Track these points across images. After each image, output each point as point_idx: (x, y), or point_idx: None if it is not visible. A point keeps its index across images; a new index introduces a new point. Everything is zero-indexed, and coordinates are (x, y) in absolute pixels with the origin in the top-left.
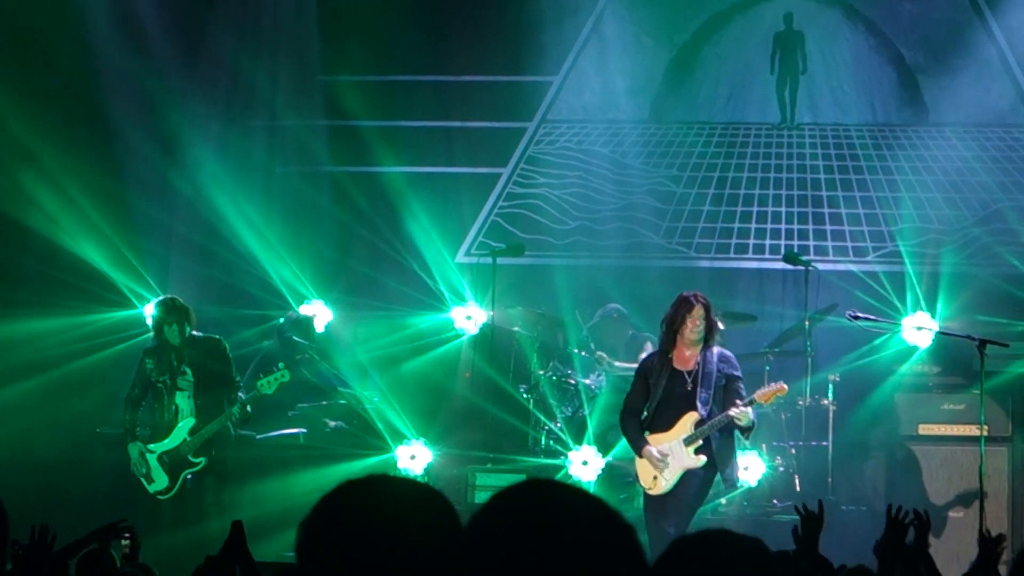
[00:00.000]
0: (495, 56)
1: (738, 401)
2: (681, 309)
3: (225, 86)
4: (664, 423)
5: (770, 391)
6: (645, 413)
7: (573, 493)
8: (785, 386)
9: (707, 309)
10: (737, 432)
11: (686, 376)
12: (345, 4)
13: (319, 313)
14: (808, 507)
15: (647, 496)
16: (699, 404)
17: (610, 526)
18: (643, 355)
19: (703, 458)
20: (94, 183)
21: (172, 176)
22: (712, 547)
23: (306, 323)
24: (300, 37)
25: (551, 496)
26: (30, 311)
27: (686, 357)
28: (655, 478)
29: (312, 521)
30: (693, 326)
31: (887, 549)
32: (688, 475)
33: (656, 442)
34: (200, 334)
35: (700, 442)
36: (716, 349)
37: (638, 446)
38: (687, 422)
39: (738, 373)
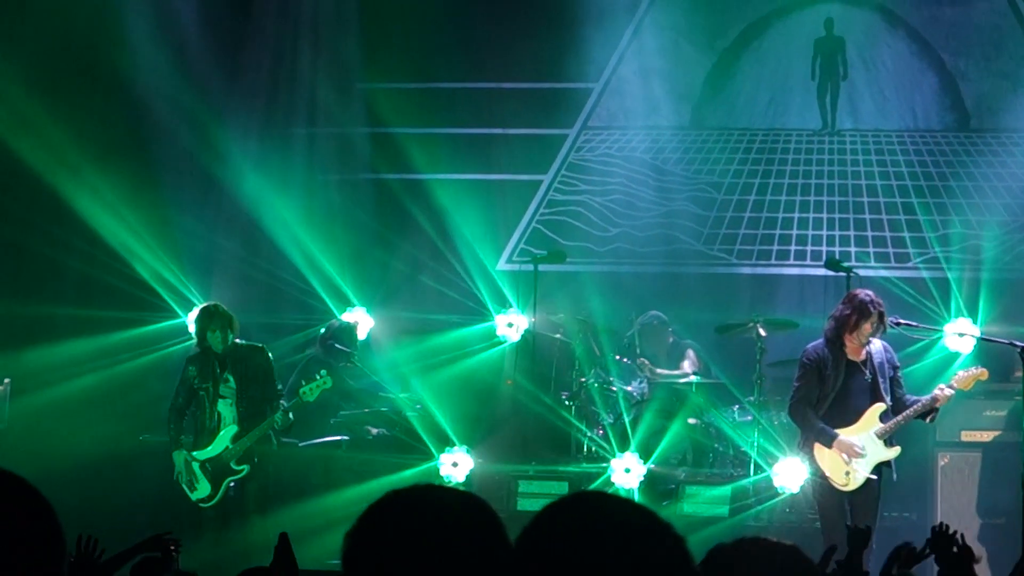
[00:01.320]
0: (535, 63)
1: (942, 384)
2: (857, 315)
3: (265, 95)
4: (845, 416)
5: (971, 376)
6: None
7: (623, 505)
8: (986, 371)
9: (882, 316)
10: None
11: (863, 367)
12: (385, 12)
13: (361, 320)
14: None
15: (832, 492)
16: (884, 394)
17: (661, 537)
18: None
19: (898, 448)
20: (136, 193)
21: (214, 185)
22: (751, 553)
23: (349, 330)
24: (340, 45)
25: (602, 508)
26: (73, 319)
27: (856, 348)
28: (847, 473)
29: (358, 531)
30: (867, 331)
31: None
32: (878, 466)
33: (845, 436)
34: (243, 342)
35: (890, 434)
36: (878, 339)
37: (827, 438)
38: (874, 414)
39: (898, 363)
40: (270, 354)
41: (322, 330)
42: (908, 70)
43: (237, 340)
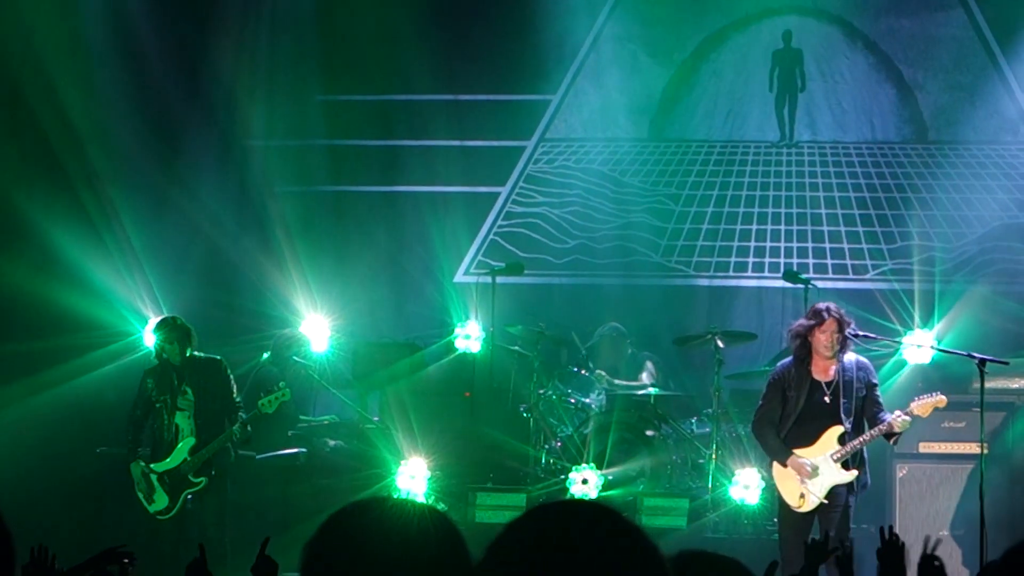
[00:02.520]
0: (493, 75)
1: (898, 411)
2: (812, 322)
3: (223, 108)
4: (805, 437)
5: (929, 403)
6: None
7: (598, 512)
8: (944, 398)
9: (839, 323)
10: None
11: (825, 387)
12: (343, 25)
13: (316, 331)
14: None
15: (789, 512)
16: (842, 416)
17: (636, 544)
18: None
19: (855, 472)
20: (92, 207)
21: (173, 197)
22: (691, 566)
23: (303, 341)
24: (298, 57)
25: (577, 517)
26: (28, 331)
27: (824, 367)
28: (802, 495)
29: (317, 541)
30: (826, 341)
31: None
32: (835, 488)
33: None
34: (201, 354)
35: (847, 457)
36: (853, 356)
37: (782, 457)
38: (832, 436)
39: (876, 380)
40: (228, 366)
41: (276, 340)
42: (866, 82)
43: (195, 353)
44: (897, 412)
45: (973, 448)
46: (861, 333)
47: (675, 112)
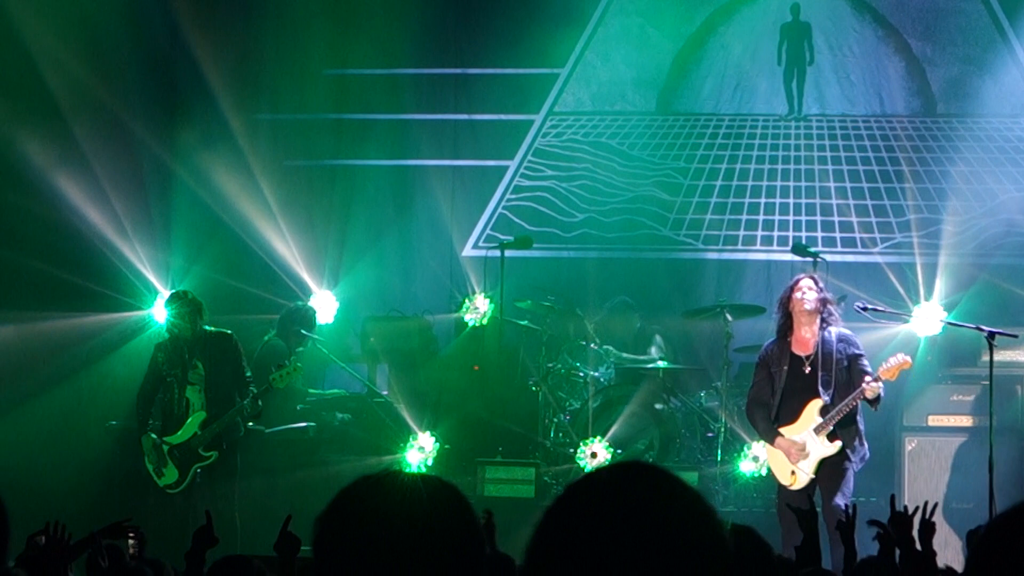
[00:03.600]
0: (501, 48)
1: (868, 377)
2: (789, 283)
3: (230, 82)
4: (789, 413)
5: (894, 366)
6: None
7: (666, 480)
8: (909, 359)
9: (815, 280)
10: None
11: (805, 360)
12: None
13: (324, 304)
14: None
15: (784, 490)
16: (820, 389)
17: (702, 515)
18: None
19: (839, 443)
20: (98, 184)
21: (179, 172)
22: None
23: (310, 314)
24: (304, 31)
25: (640, 479)
26: (38, 305)
27: (804, 340)
28: (793, 472)
29: (329, 516)
30: (802, 296)
31: (891, 541)
32: (825, 463)
33: (786, 435)
34: (212, 328)
35: (831, 428)
36: (835, 330)
37: (771, 437)
38: (812, 410)
39: (860, 351)
40: (238, 340)
41: (283, 313)
42: (874, 55)
43: (206, 327)
44: (867, 378)
45: (982, 421)
46: (870, 306)
47: (683, 85)
